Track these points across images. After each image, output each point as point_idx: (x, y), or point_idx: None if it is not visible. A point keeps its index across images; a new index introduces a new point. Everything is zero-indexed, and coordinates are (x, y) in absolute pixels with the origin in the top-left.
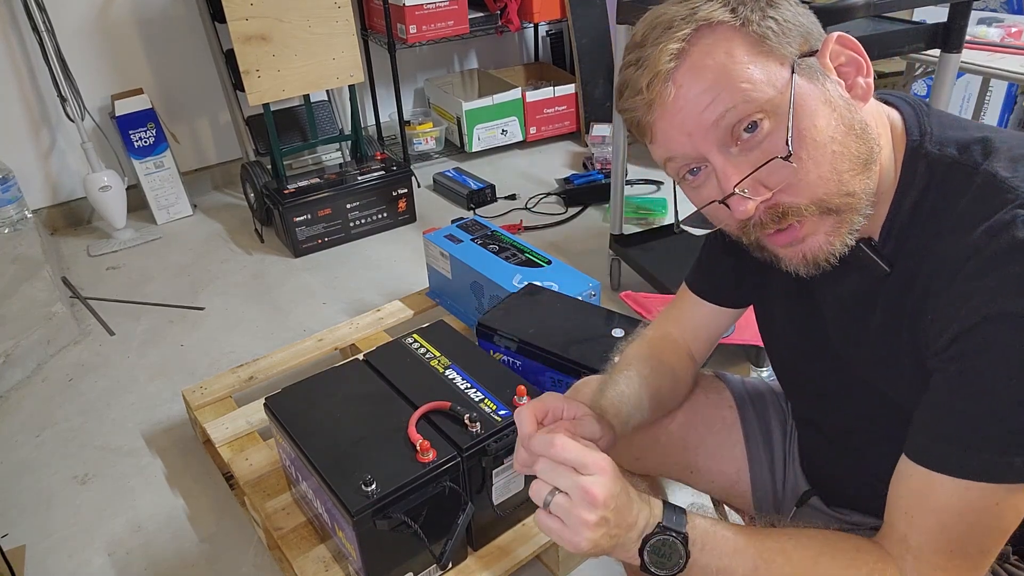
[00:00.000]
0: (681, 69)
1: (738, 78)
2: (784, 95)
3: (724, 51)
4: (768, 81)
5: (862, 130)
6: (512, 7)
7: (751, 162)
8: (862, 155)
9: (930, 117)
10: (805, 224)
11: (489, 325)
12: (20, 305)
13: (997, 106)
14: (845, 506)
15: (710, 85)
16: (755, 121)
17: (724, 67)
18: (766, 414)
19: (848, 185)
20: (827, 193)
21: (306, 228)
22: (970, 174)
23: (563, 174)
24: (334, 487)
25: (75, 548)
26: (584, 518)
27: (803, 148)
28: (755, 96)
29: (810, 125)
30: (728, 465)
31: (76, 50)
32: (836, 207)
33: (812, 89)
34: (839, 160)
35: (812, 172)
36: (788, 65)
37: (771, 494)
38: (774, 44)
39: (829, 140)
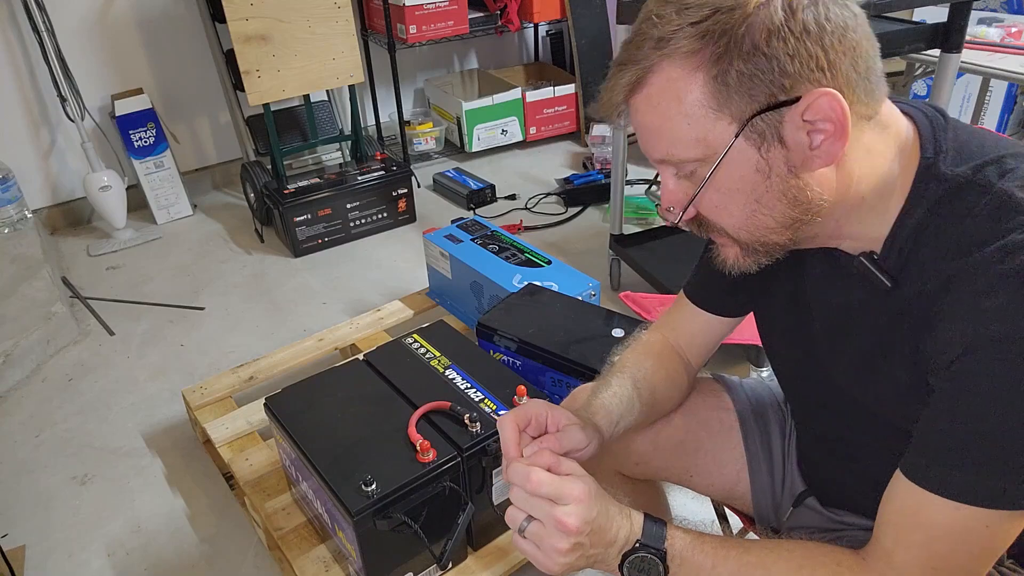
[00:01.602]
0: (639, 94)
1: (672, 136)
2: (713, 156)
3: (676, 94)
4: (704, 140)
5: (795, 196)
6: (512, 7)
7: (683, 188)
8: (791, 217)
9: (947, 132)
10: (722, 240)
11: (489, 325)
12: (20, 305)
13: (997, 106)
14: (840, 507)
15: (652, 130)
16: (688, 167)
17: (667, 116)
18: (765, 416)
19: (765, 237)
20: (739, 236)
21: (306, 228)
22: (983, 193)
23: (563, 174)
24: (334, 487)
25: (75, 548)
26: (557, 546)
27: (717, 203)
28: (684, 156)
29: (730, 186)
30: (728, 467)
31: (76, 50)
32: (745, 246)
33: (748, 156)
34: (759, 217)
35: (725, 219)
36: (738, 123)
37: (770, 495)
38: (734, 95)
39: (751, 201)
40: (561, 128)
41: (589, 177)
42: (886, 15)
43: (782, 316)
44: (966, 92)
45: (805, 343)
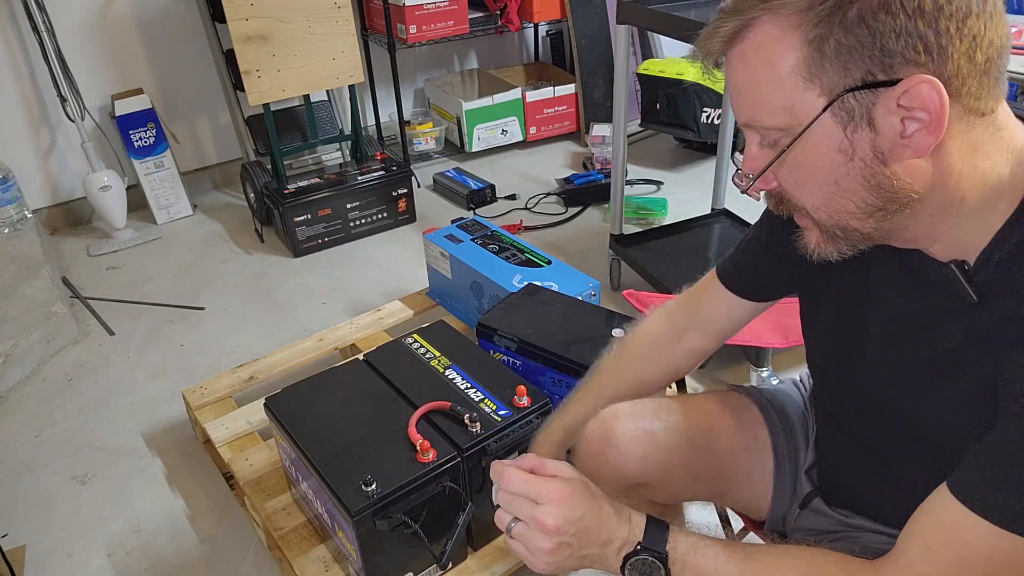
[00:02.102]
0: (735, 48)
1: (758, 99)
2: (796, 127)
3: (768, 56)
4: (788, 109)
5: (880, 183)
6: (512, 7)
7: (765, 157)
8: (873, 204)
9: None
10: (804, 220)
11: (489, 325)
12: (20, 305)
13: None
14: (850, 508)
15: (741, 90)
16: (770, 134)
17: (757, 78)
18: (791, 427)
19: (844, 221)
20: (818, 216)
21: (306, 228)
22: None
23: (563, 174)
24: (334, 487)
25: (75, 548)
26: (540, 546)
27: (794, 178)
28: (768, 123)
29: (808, 163)
30: (756, 484)
31: (76, 50)
32: (826, 228)
33: (833, 133)
34: (838, 200)
35: (803, 197)
36: (828, 96)
37: (789, 501)
38: (828, 64)
39: (829, 183)
40: (561, 128)
41: (589, 177)
42: None
43: (835, 313)
44: None
45: (855, 344)
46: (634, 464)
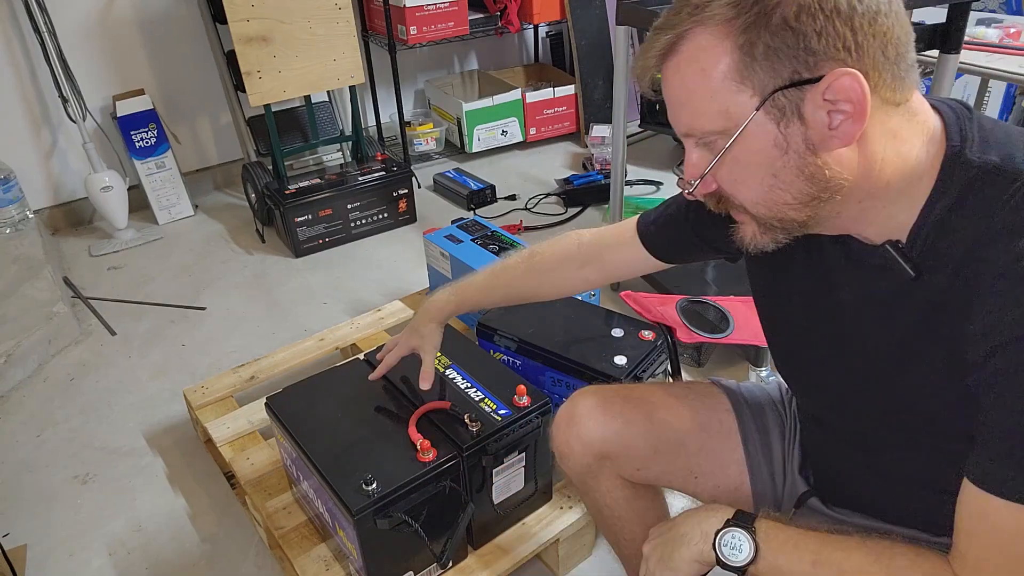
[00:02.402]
0: (670, 62)
1: (695, 108)
2: (733, 128)
3: (701, 66)
4: (724, 112)
5: (813, 173)
6: (512, 8)
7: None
8: (808, 193)
9: (972, 123)
10: (740, 216)
11: (489, 325)
12: (21, 305)
13: (996, 107)
14: (847, 506)
15: (677, 102)
16: (708, 138)
17: (692, 88)
18: (763, 418)
19: (781, 212)
20: (756, 211)
21: (307, 228)
22: (1012, 181)
23: (563, 175)
24: (335, 486)
25: (76, 548)
26: None
27: (734, 176)
28: (706, 128)
29: (746, 159)
30: (731, 469)
31: (77, 51)
32: (763, 222)
33: (768, 130)
34: (776, 193)
35: (742, 193)
36: (759, 97)
37: (771, 498)
38: (758, 67)
39: (767, 175)
40: (561, 129)
41: (589, 178)
42: None
43: (791, 314)
44: (965, 93)
45: (816, 341)
46: (594, 433)
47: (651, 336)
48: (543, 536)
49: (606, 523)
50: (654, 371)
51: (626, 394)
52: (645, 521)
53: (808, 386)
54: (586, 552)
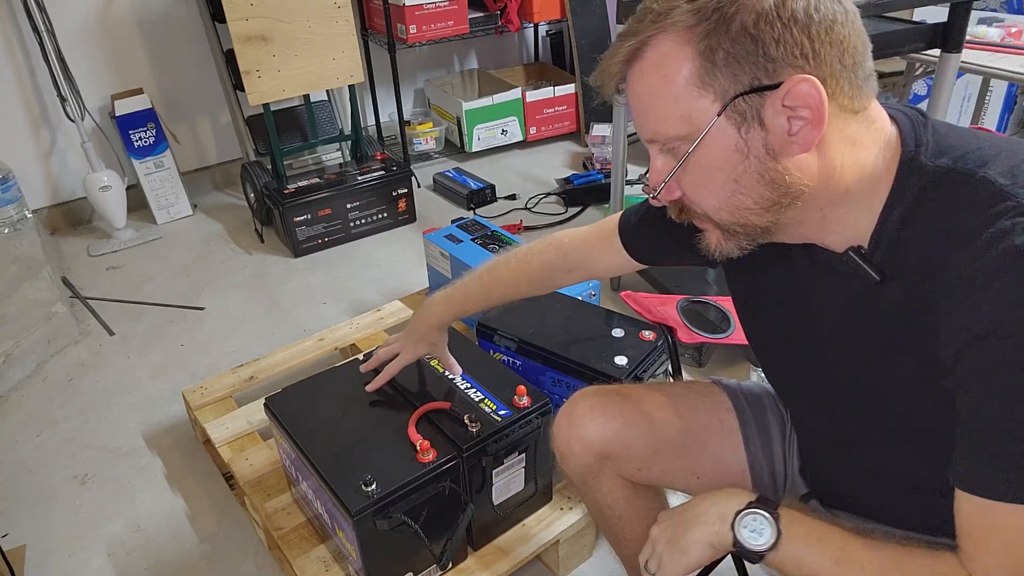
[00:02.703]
0: (633, 69)
1: (659, 114)
2: (695, 133)
3: (665, 72)
4: (686, 118)
5: (774, 179)
6: (512, 7)
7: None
8: (769, 199)
9: (927, 128)
10: (704, 224)
11: (489, 325)
12: (20, 305)
13: (997, 106)
14: (843, 508)
15: (641, 109)
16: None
17: (656, 94)
18: (764, 417)
19: (743, 218)
20: (719, 217)
21: (306, 228)
22: (966, 182)
23: (563, 174)
24: (334, 487)
25: (75, 548)
26: None
27: (696, 181)
28: (669, 133)
29: (709, 164)
30: (731, 468)
31: (76, 50)
32: (727, 227)
33: (729, 135)
34: (737, 198)
35: (705, 199)
36: (721, 102)
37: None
38: (720, 73)
39: (729, 181)
40: (561, 128)
41: (589, 177)
42: (886, 15)
43: (776, 319)
44: (966, 92)
45: (802, 345)
46: (595, 433)
47: (652, 336)
48: (543, 537)
49: (607, 523)
50: (655, 371)
51: (627, 394)
52: (646, 521)
53: (789, 391)
54: (586, 553)
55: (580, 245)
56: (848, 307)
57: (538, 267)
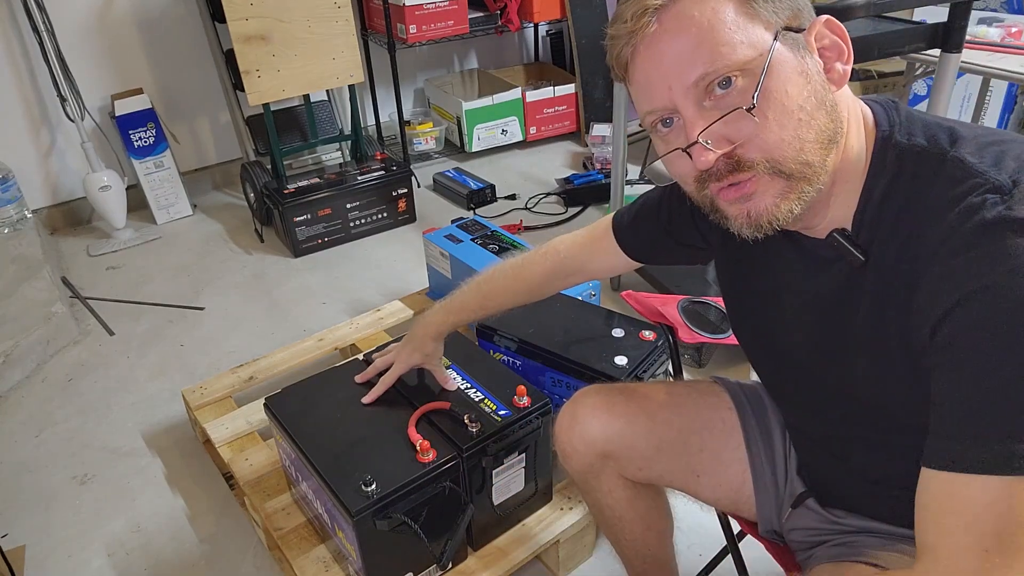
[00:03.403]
0: (669, 11)
1: (719, 40)
2: (762, 57)
3: (711, 7)
4: (748, 43)
5: (832, 108)
6: (512, 7)
7: (712, 116)
8: (828, 131)
9: (898, 111)
10: (758, 181)
11: (489, 325)
12: (20, 305)
13: (997, 106)
14: (839, 507)
15: (694, 43)
16: (729, 78)
17: (709, 24)
18: (765, 416)
19: (807, 154)
20: (784, 156)
21: (306, 228)
22: (939, 161)
23: (563, 174)
24: (334, 487)
25: (75, 548)
26: None
27: (769, 107)
28: (733, 58)
29: (780, 88)
30: (732, 467)
31: (76, 50)
32: (790, 172)
33: (791, 57)
34: (803, 129)
35: (774, 132)
36: (772, 31)
37: (773, 496)
38: (761, 8)
39: (797, 108)
40: (561, 128)
41: (589, 177)
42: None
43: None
44: (966, 92)
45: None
46: (596, 432)
47: (652, 336)
48: (543, 537)
49: (607, 523)
50: (655, 371)
51: (629, 393)
52: (647, 521)
53: (781, 392)
54: (587, 553)
55: (576, 250)
56: (832, 296)
57: (536, 276)
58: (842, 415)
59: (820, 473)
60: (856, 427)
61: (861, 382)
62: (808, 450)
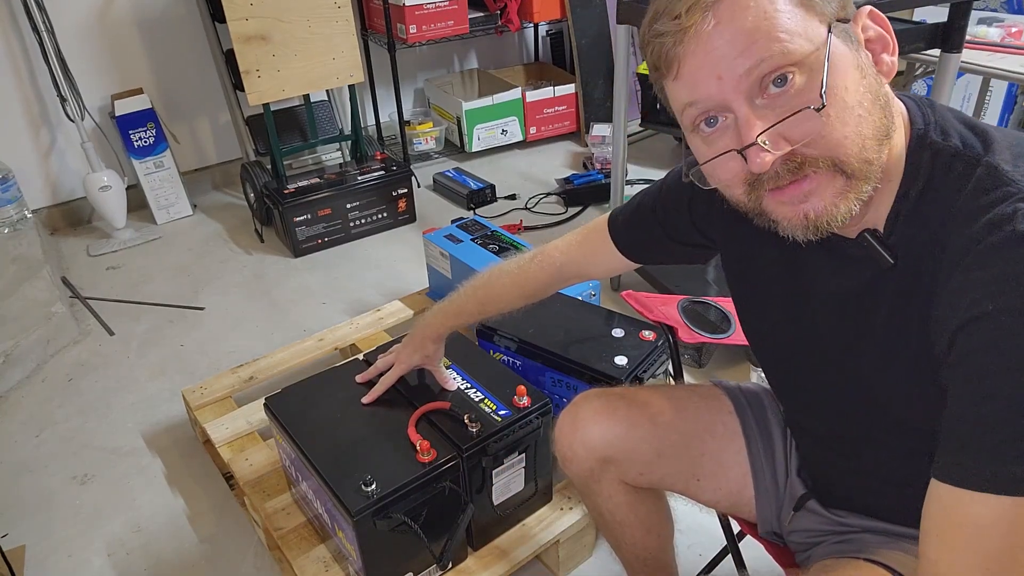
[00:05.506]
0: (723, 3)
1: (777, 27)
2: (820, 51)
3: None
4: (806, 35)
5: (886, 103)
6: (512, 7)
7: (776, 115)
8: (883, 126)
9: (933, 109)
10: (817, 178)
11: (489, 325)
12: (20, 305)
13: (997, 106)
14: (843, 508)
15: (748, 30)
16: (786, 75)
17: (765, 13)
18: (765, 418)
19: (868, 152)
20: (846, 154)
21: (306, 228)
22: (973, 165)
23: (563, 174)
24: (334, 487)
25: (75, 548)
26: None
27: (832, 105)
28: (791, 49)
29: (841, 84)
30: (732, 471)
31: (76, 50)
32: (851, 171)
33: (846, 51)
34: (864, 125)
35: (837, 130)
36: (826, 24)
37: (774, 499)
38: (814, 2)
39: (856, 104)
40: (561, 128)
41: (589, 177)
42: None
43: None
44: (966, 92)
45: (799, 340)
46: (598, 437)
47: (652, 336)
48: (543, 537)
49: (608, 527)
50: (655, 371)
51: (630, 397)
52: (647, 525)
53: (789, 390)
54: (586, 553)
55: (573, 255)
56: (855, 296)
57: (533, 284)
58: (853, 414)
59: (824, 472)
60: (866, 426)
61: (875, 382)
62: (813, 449)
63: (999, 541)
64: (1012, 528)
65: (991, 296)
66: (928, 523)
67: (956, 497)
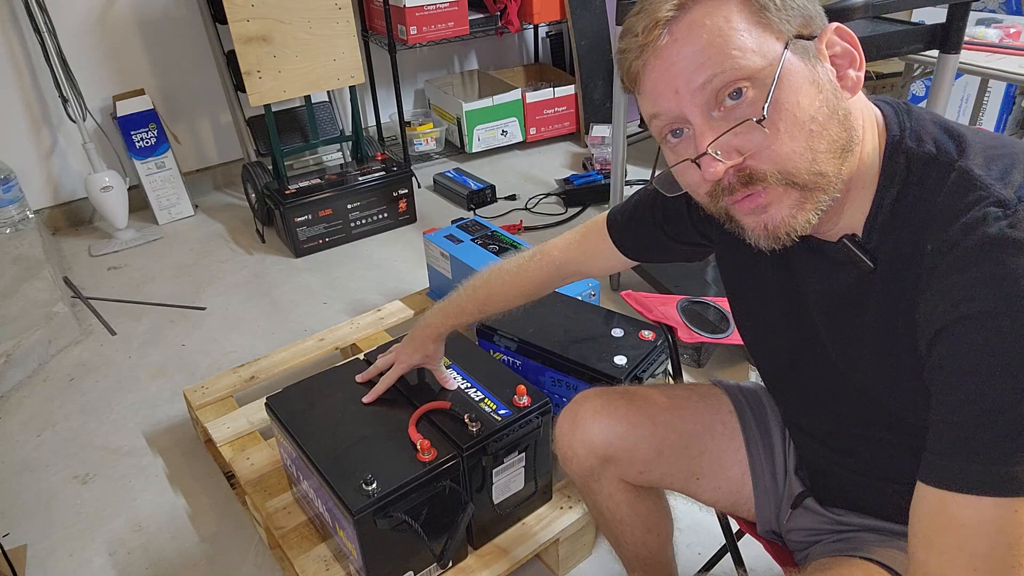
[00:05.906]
0: (680, 22)
1: (731, 44)
2: (772, 67)
3: (723, 16)
4: (759, 51)
5: (844, 117)
6: (512, 8)
7: (720, 128)
8: (840, 141)
9: (910, 115)
10: (770, 192)
11: (489, 325)
12: (21, 305)
13: (996, 107)
14: (840, 505)
15: (703, 47)
16: (740, 88)
17: (720, 31)
18: (764, 418)
19: (820, 165)
20: (796, 168)
21: (307, 228)
22: (947, 170)
23: (563, 174)
24: (335, 486)
25: (76, 548)
26: None
27: (780, 119)
28: (743, 64)
29: (792, 99)
30: (732, 470)
31: (77, 50)
32: (803, 183)
33: (802, 67)
34: (815, 140)
35: (786, 144)
36: (783, 40)
37: (773, 498)
38: (773, 17)
39: (809, 119)
40: (561, 129)
41: (589, 178)
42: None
43: (769, 317)
44: (965, 93)
45: (792, 340)
46: (598, 436)
47: (651, 336)
48: (543, 536)
49: (608, 526)
50: (654, 371)
51: (630, 397)
52: (647, 524)
53: (784, 390)
54: (586, 552)
55: (572, 254)
56: (842, 298)
57: (532, 283)
58: (847, 412)
59: (821, 471)
60: (861, 424)
61: (868, 381)
62: (810, 447)
63: (987, 541)
64: (999, 528)
65: (967, 300)
66: (916, 525)
67: (942, 499)
